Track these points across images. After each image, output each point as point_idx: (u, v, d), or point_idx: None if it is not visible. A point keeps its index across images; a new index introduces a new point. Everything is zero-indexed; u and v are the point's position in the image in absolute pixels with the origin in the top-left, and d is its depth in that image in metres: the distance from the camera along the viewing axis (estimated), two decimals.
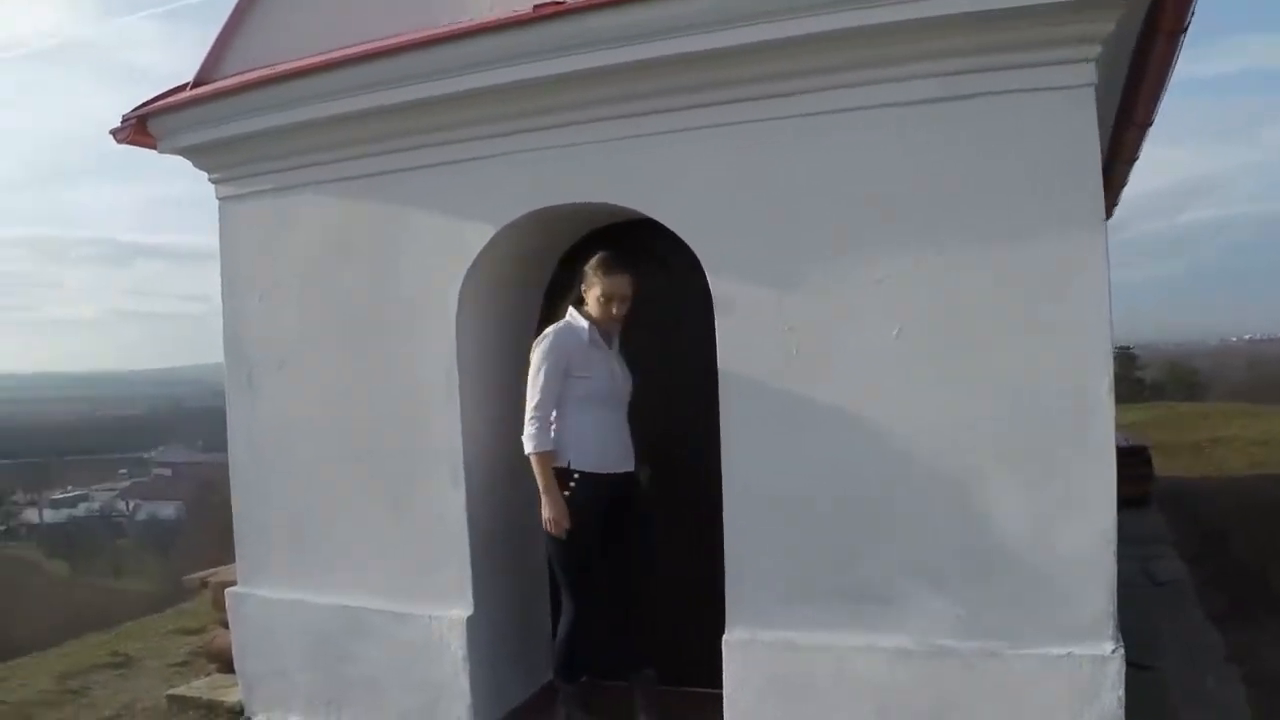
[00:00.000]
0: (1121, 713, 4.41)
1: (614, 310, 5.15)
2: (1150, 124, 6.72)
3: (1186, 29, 4.80)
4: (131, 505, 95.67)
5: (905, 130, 4.67)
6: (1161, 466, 13.22)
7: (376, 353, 5.83)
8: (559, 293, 5.86)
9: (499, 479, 5.82)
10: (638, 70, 4.94)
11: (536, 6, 4.98)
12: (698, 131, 5.01)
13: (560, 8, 4.93)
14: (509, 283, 5.95)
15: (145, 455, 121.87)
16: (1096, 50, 4.37)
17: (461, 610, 5.60)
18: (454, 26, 5.22)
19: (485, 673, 5.69)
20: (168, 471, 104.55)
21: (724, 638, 5.05)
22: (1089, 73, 4.41)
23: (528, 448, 5.01)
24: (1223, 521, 9.97)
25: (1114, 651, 4.43)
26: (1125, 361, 58.18)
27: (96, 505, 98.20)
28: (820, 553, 4.86)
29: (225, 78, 6.04)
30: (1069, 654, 4.46)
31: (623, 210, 5.36)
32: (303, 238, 6.01)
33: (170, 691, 6.90)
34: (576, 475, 5.09)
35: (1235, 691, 5.52)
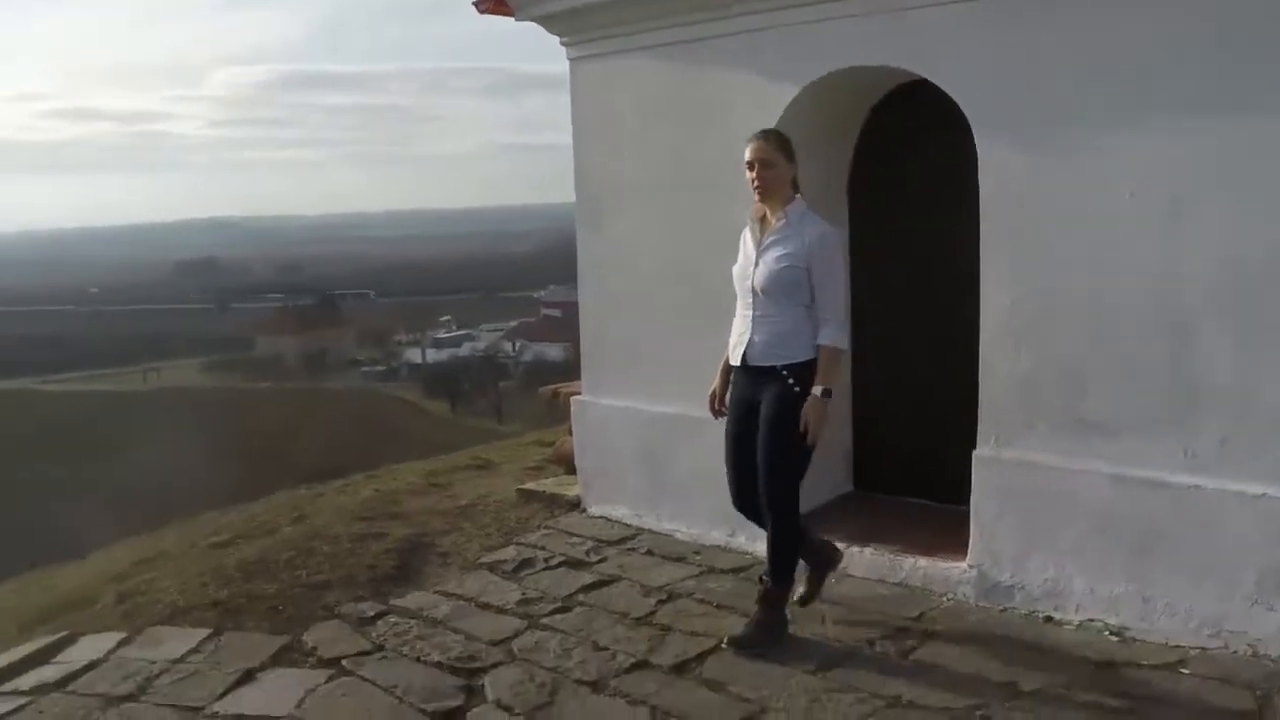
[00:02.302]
0: None
1: (754, 175, 6.06)
2: None
3: None
4: (518, 346, 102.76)
5: (1147, 6, 5.99)
6: None
7: (698, 196, 7.73)
8: (867, 148, 7.61)
9: None
10: None
11: None
12: (970, 2, 6.49)
13: None
14: (814, 137, 7.63)
15: (534, 295, 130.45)
16: None
17: None
18: None
19: None
20: (557, 312, 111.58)
21: (974, 453, 6.72)
22: None
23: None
24: None
25: None
26: None
27: (481, 345, 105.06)
28: (1055, 384, 6.39)
29: None
30: (1264, 494, 5.77)
31: (908, 73, 6.95)
32: (636, 94, 7.97)
33: (520, 486, 9.24)
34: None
35: None
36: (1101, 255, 6.22)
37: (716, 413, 6.50)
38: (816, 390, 5.92)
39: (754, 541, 7.29)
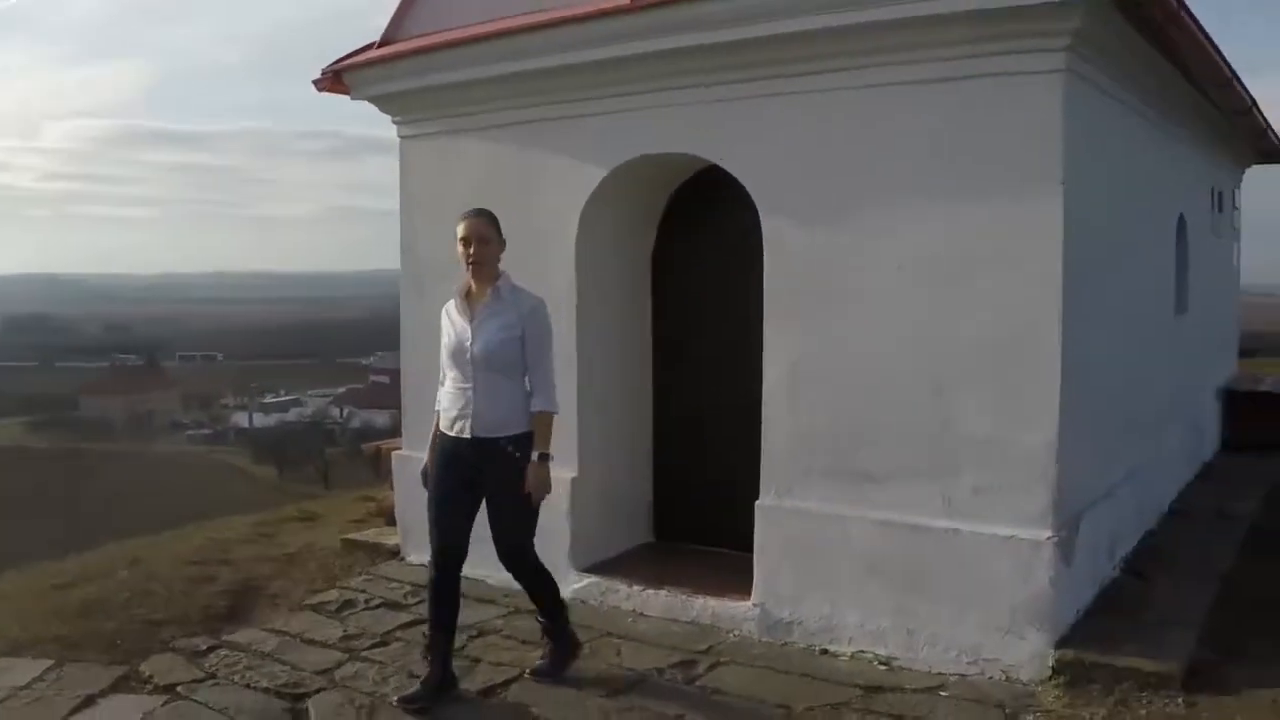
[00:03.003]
0: (1053, 590, 6.39)
1: (471, 251, 6.25)
2: (1227, 81, 8.68)
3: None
4: (345, 412, 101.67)
5: (915, 103, 6.69)
6: None
7: (519, 267, 8.20)
8: (670, 225, 8.43)
9: (610, 371, 8.40)
10: (711, 49, 7.15)
11: None
12: (757, 100, 7.18)
13: None
14: (621, 213, 8.27)
15: (363, 361, 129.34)
16: (1065, 43, 6.27)
17: (568, 473, 8.00)
18: (574, 10, 7.53)
19: (584, 526, 8.12)
20: (385, 379, 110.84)
21: (756, 503, 7.31)
22: (1059, 61, 6.30)
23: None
24: None
25: (1049, 538, 6.39)
26: None
27: (309, 411, 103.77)
28: (829, 440, 7.04)
29: (404, 40, 8.57)
30: (1013, 536, 6.48)
31: (704, 161, 7.60)
32: (461, 172, 8.47)
33: (344, 536, 9.61)
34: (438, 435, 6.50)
35: (1202, 603, 7.32)
36: (871, 324, 6.92)
37: (426, 484, 6.53)
38: (535, 456, 6.17)
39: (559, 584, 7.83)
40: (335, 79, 8.81)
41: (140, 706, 6.24)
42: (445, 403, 6.34)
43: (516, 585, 7.93)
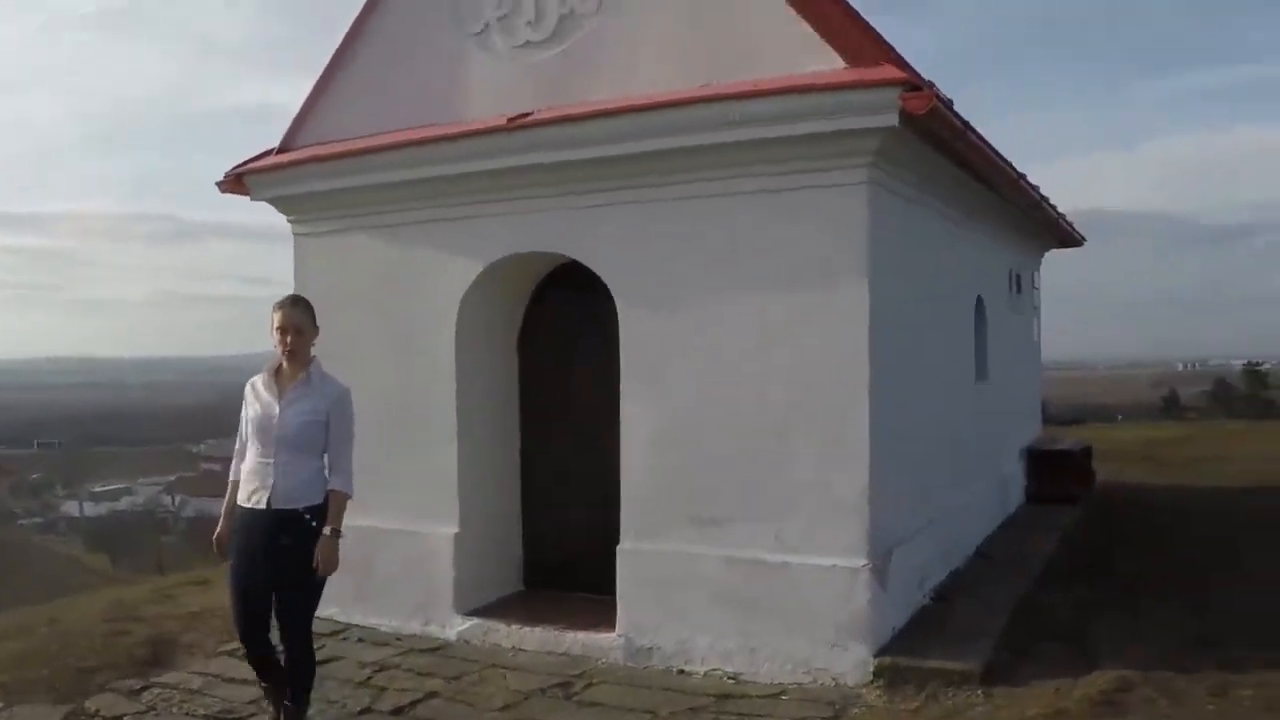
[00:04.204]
0: (870, 609, 7.77)
1: (287, 340, 6.52)
2: (1013, 180, 10.34)
3: (957, 128, 8.21)
4: (177, 500, 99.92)
5: (743, 209, 8.12)
6: (1142, 474, 16.77)
7: (403, 348, 9.47)
8: (535, 314, 9.65)
9: (486, 436, 9.61)
10: (572, 164, 8.52)
11: (510, 119, 8.54)
12: (610, 207, 8.59)
13: (525, 120, 8.49)
14: (494, 302, 9.60)
15: (194, 448, 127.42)
16: (867, 160, 7.76)
17: (451, 529, 9.22)
18: (452, 128, 8.85)
19: (465, 576, 9.30)
20: (217, 466, 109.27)
21: (618, 547, 8.59)
22: (863, 175, 7.79)
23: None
24: (1122, 518, 13.41)
25: (864, 565, 7.78)
26: (1254, 379, 60.47)
27: (140, 500, 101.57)
28: (678, 489, 8.38)
29: (299, 148, 9.76)
30: (834, 565, 7.86)
31: (565, 256, 8.94)
32: (353, 266, 9.68)
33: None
34: (236, 507, 6.71)
35: (998, 621, 8.73)
36: (708, 389, 8.32)
37: (223, 554, 6.82)
38: (327, 530, 6.48)
39: (444, 629, 9.19)
40: (237, 181, 9.94)
41: None
42: (245, 475, 6.59)
43: (408, 629, 9.13)
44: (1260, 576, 10.26)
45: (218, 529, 6.80)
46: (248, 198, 10.09)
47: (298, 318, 6.58)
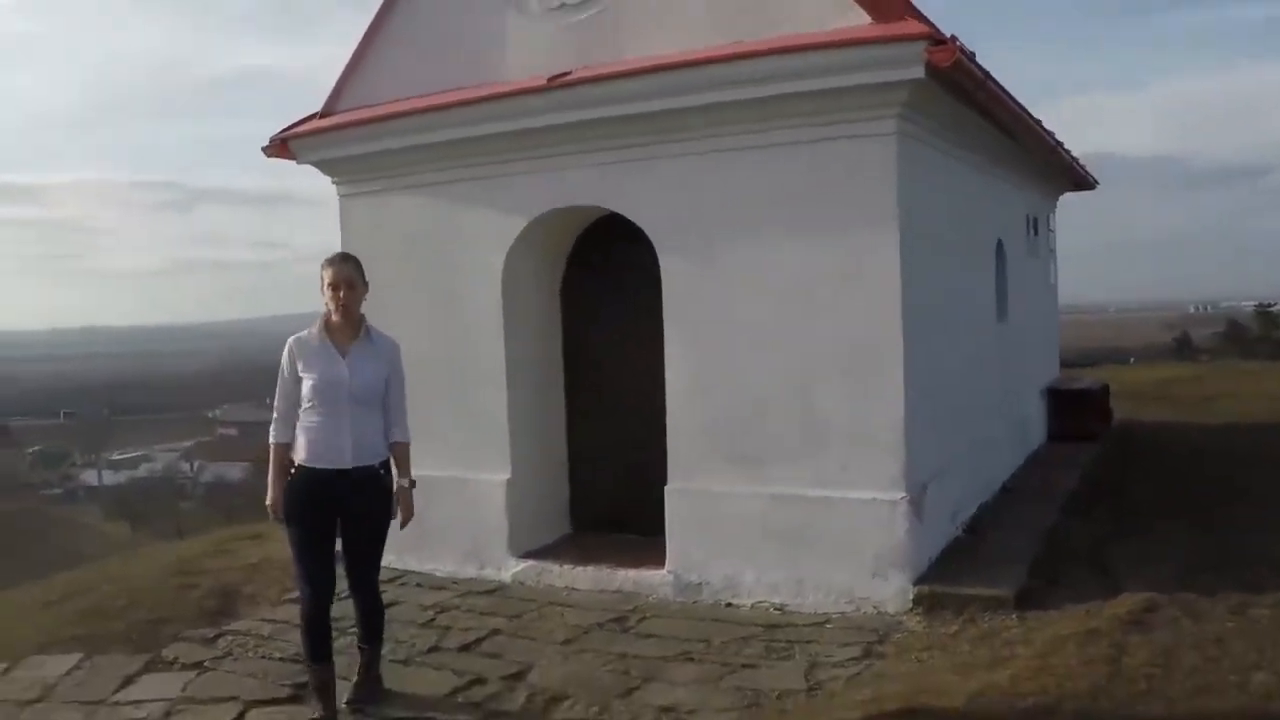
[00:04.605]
0: (909, 540, 8.21)
1: (341, 295, 6.52)
2: (1031, 126, 10.85)
3: (982, 82, 8.57)
4: (195, 466, 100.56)
5: (779, 161, 8.49)
6: (1158, 413, 17.23)
7: (450, 303, 9.84)
8: (575, 265, 10.05)
9: (533, 386, 10.02)
10: (610, 121, 8.87)
11: (550, 79, 8.89)
12: (649, 162, 8.94)
13: (565, 79, 8.83)
14: (537, 256, 9.97)
15: (210, 414, 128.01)
16: (896, 111, 8.11)
17: (503, 475, 9.65)
18: (494, 88, 9.22)
19: (517, 520, 9.73)
20: (233, 431, 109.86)
21: (665, 488, 9.00)
22: (892, 126, 8.16)
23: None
24: (1141, 453, 13.85)
25: (902, 498, 8.20)
26: (1266, 320, 60.74)
27: (159, 466, 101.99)
28: (722, 433, 8.78)
29: (342, 111, 10.13)
30: (874, 499, 8.28)
31: (606, 210, 9.32)
32: (396, 225, 10.06)
33: None
34: (294, 468, 6.61)
35: (1028, 550, 9.15)
36: (750, 338, 8.69)
37: (279, 518, 6.73)
38: (405, 482, 6.73)
39: (499, 571, 9.63)
40: (282, 146, 10.32)
41: (178, 680, 7.55)
42: (312, 435, 6.52)
43: (463, 573, 9.52)
44: (1272, 505, 10.68)
45: (269, 495, 6.68)
46: (294, 161, 10.47)
47: (349, 272, 6.60)
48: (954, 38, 7.77)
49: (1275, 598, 7.52)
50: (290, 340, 6.68)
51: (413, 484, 6.78)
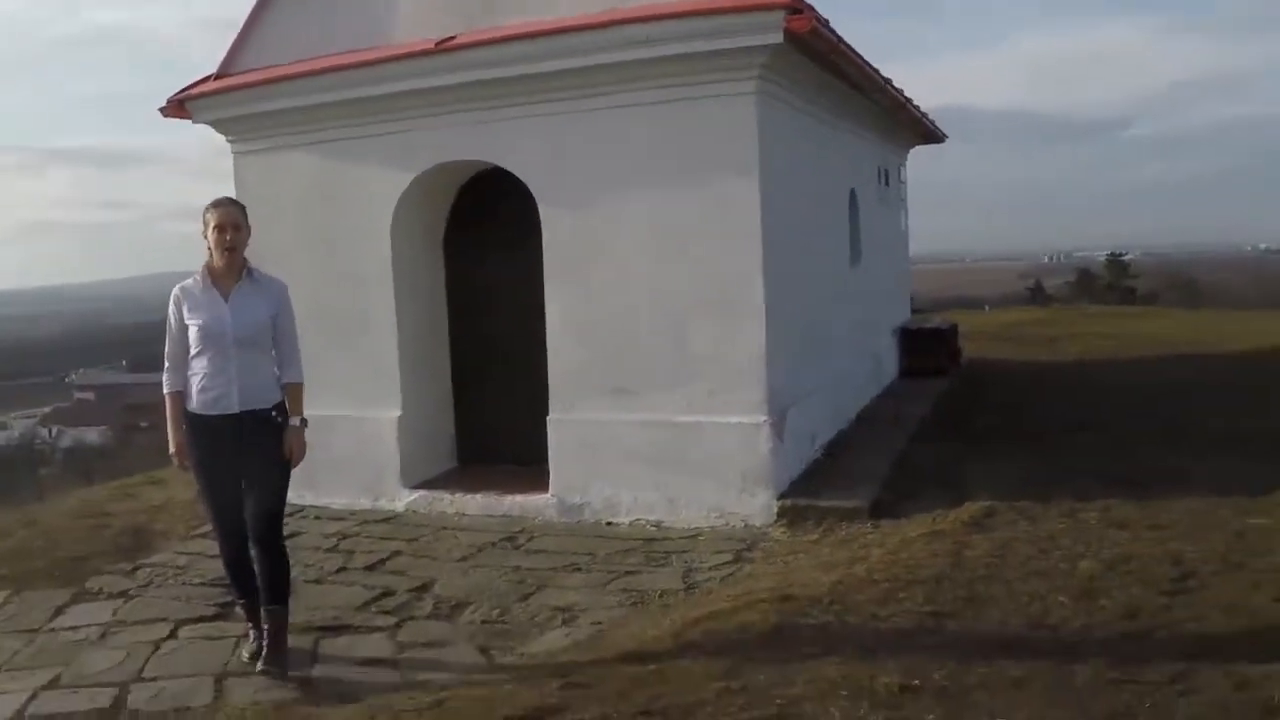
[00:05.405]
0: (772, 459, 9.16)
1: (227, 237, 6.48)
2: (880, 85, 11.68)
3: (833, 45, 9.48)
4: (54, 432, 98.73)
5: (646, 118, 9.35)
6: (1005, 352, 18.50)
7: (341, 253, 10.54)
8: (456, 217, 10.72)
9: (420, 329, 10.78)
10: (495, 82, 9.65)
11: (438, 42, 9.62)
12: (530, 119, 9.73)
13: (451, 44, 9.57)
14: (423, 208, 10.74)
15: (66, 378, 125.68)
16: (755, 73, 8.98)
17: (394, 412, 10.42)
18: (386, 51, 9.93)
19: (409, 454, 10.52)
20: (90, 395, 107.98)
21: (547, 418, 9.86)
22: (752, 86, 9.03)
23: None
24: (987, 387, 15.07)
25: (765, 421, 9.14)
26: (1116, 269, 63.01)
27: (16, 433, 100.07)
28: (598, 366, 9.66)
29: (237, 73, 10.75)
30: (739, 422, 9.21)
31: (488, 163, 10.12)
32: (289, 181, 10.71)
33: None
34: (188, 416, 6.60)
35: (881, 469, 10.18)
36: (622, 280, 9.57)
37: (184, 465, 6.73)
38: (296, 421, 6.68)
39: (392, 502, 10.44)
40: (179, 106, 10.89)
41: (107, 607, 8.10)
42: (201, 382, 6.49)
43: (358, 505, 10.25)
44: (1105, 431, 11.88)
45: (172, 442, 6.67)
46: (189, 120, 11.04)
47: (236, 215, 6.57)
48: (810, 6, 8.63)
49: (1103, 504, 8.57)
50: (175, 289, 6.68)
51: (304, 423, 6.73)
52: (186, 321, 6.51)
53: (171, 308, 6.59)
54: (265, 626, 6.59)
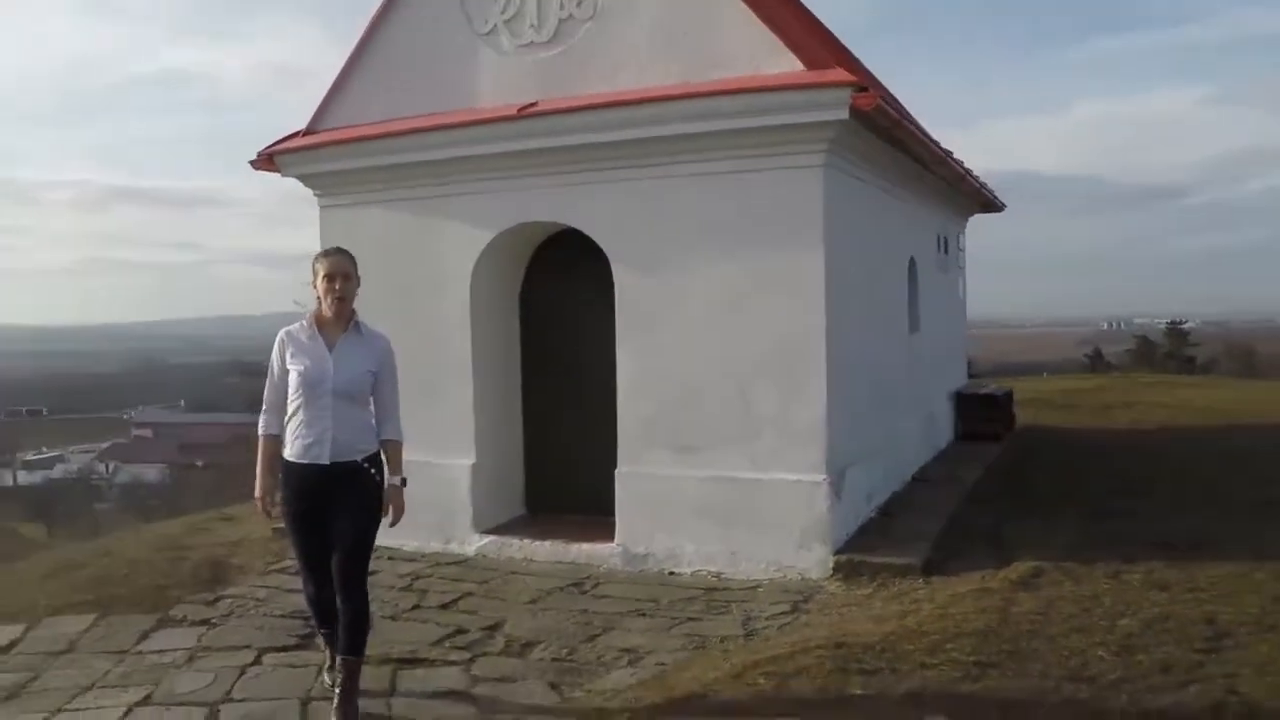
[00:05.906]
0: (829, 516, 9.54)
1: (336, 286, 6.56)
2: (940, 158, 12.06)
3: (898, 121, 9.92)
4: (111, 467, 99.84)
5: (714, 186, 9.83)
6: (1060, 419, 18.85)
7: (420, 305, 11.05)
8: (533, 272, 11.24)
9: (495, 381, 11.28)
10: (573, 147, 10.16)
11: (520, 108, 10.14)
12: (606, 184, 10.25)
13: (532, 110, 10.09)
14: (501, 264, 11.25)
15: (124, 415, 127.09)
16: (824, 147, 9.44)
17: (468, 460, 10.89)
18: (470, 114, 10.47)
19: (481, 500, 10.97)
20: (148, 433, 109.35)
21: (615, 471, 10.30)
22: (820, 159, 9.49)
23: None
24: (1040, 452, 15.41)
25: (823, 480, 9.53)
26: (1176, 337, 62.97)
27: (74, 467, 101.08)
28: (664, 423, 10.10)
29: (324, 130, 11.34)
30: (798, 480, 9.62)
31: (564, 225, 10.64)
32: (373, 235, 11.20)
33: (274, 526, 11.60)
34: (283, 461, 6.67)
35: (934, 528, 10.54)
36: (692, 338, 10.01)
37: (268, 512, 6.86)
38: (396, 480, 6.75)
39: (463, 545, 10.84)
40: (268, 160, 11.48)
41: (191, 634, 8.56)
42: (297, 429, 6.55)
43: (429, 548, 10.69)
44: (1154, 497, 12.15)
45: (259, 486, 6.79)
46: (279, 174, 11.62)
47: (346, 264, 6.65)
48: (876, 82, 9.10)
49: (1147, 566, 8.85)
50: (281, 333, 6.71)
51: (404, 482, 6.79)
52: (288, 366, 6.59)
53: (275, 351, 6.66)
54: (339, 674, 6.59)
